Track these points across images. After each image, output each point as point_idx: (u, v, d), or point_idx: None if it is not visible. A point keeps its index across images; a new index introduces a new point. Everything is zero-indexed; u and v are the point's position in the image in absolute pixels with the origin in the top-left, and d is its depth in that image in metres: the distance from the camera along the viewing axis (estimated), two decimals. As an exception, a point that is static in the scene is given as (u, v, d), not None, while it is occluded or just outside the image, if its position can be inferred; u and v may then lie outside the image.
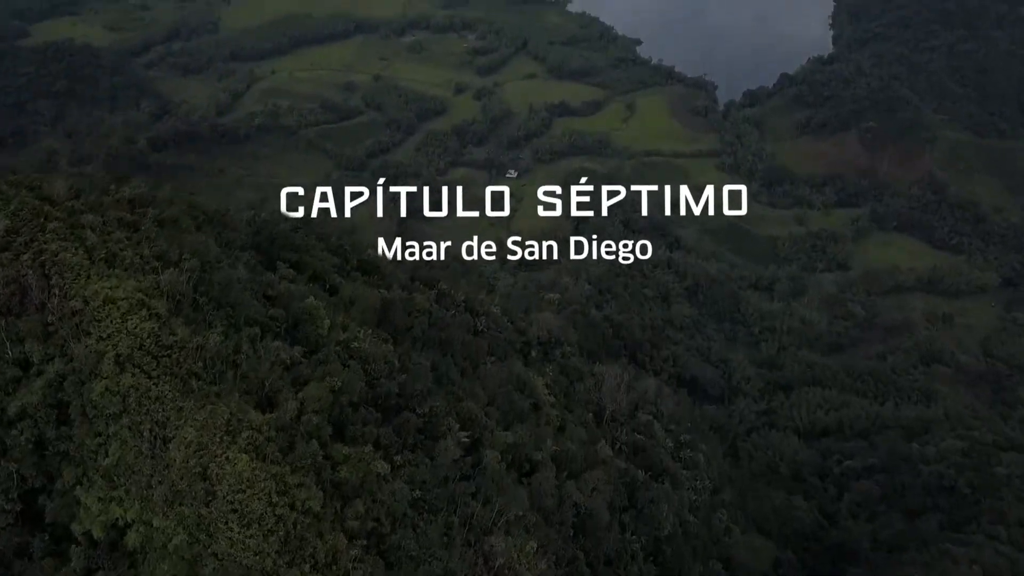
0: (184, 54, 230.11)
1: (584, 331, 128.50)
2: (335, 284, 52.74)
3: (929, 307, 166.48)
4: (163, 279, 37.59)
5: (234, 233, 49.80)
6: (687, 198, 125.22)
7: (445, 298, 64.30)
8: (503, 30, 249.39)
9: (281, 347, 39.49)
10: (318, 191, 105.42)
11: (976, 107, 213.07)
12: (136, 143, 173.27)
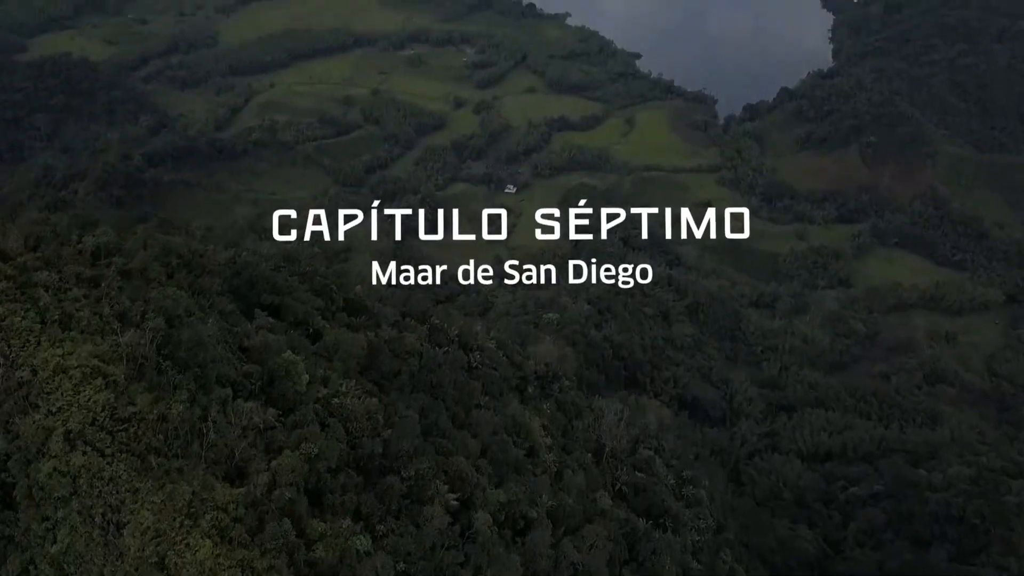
0: (182, 68, 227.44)
1: (584, 352, 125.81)
2: (319, 328, 49.48)
3: (932, 325, 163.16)
4: (123, 341, 34.31)
5: (210, 280, 46.31)
6: (688, 221, 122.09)
7: (438, 333, 61.03)
8: (502, 44, 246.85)
9: (254, 409, 36.21)
10: (311, 214, 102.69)
11: (977, 122, 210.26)
12: (132, 159, 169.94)
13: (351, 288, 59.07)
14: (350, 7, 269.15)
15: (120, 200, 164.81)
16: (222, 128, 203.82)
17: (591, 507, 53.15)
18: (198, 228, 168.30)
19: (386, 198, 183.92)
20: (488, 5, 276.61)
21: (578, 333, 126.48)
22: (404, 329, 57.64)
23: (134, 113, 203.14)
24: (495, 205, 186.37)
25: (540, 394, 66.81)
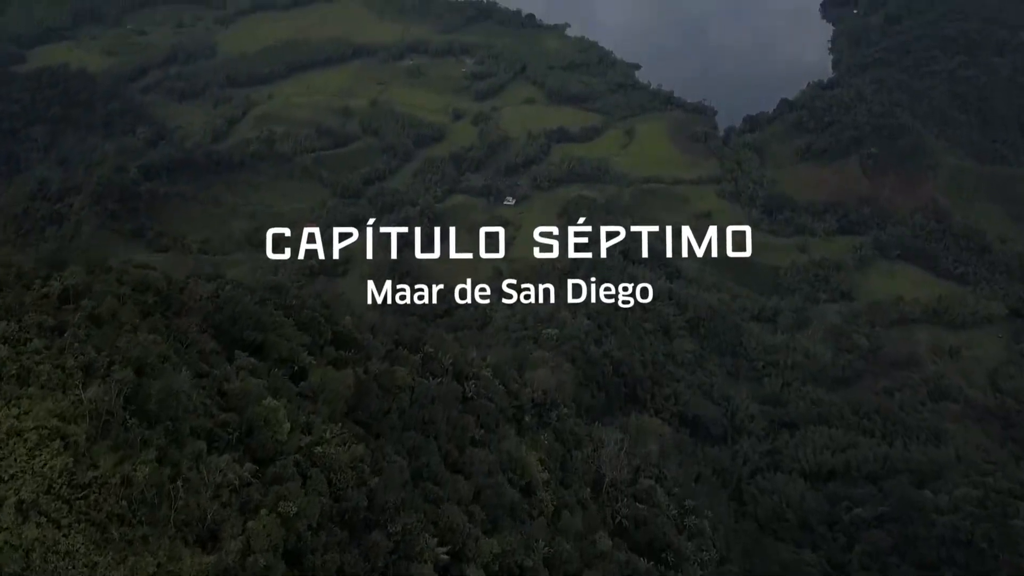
0: (180, 79, 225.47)
1: (583, 369, 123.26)
2: (304, 366, 46.95)
3: (935, 339, 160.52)
4: (86, 397, 31.78)
5: (188, 319, 43.75)
6: (689, 239, 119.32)
7: (432, 362, 58.55)
8: (501, 55, 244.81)
9: (229, 464, 33.66)
10: (305, 232, 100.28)
11: (978, 134, 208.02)
12: (128, 172, 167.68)
13: (341, 318, 56.48)
14: (349, 18, 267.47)
15: (115, 213, 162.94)
16: (220, 140, 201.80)
17: (590, 549, 50.55)
18: (194, 241, 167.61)
19: (384, 210, 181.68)
20: (487, 16, 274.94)
21: (578, 349, 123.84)
22: (396, 360, 55.12)
23: (132, 125, 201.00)
24: (494, 217, 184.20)
25: (538, 423, 64.25)
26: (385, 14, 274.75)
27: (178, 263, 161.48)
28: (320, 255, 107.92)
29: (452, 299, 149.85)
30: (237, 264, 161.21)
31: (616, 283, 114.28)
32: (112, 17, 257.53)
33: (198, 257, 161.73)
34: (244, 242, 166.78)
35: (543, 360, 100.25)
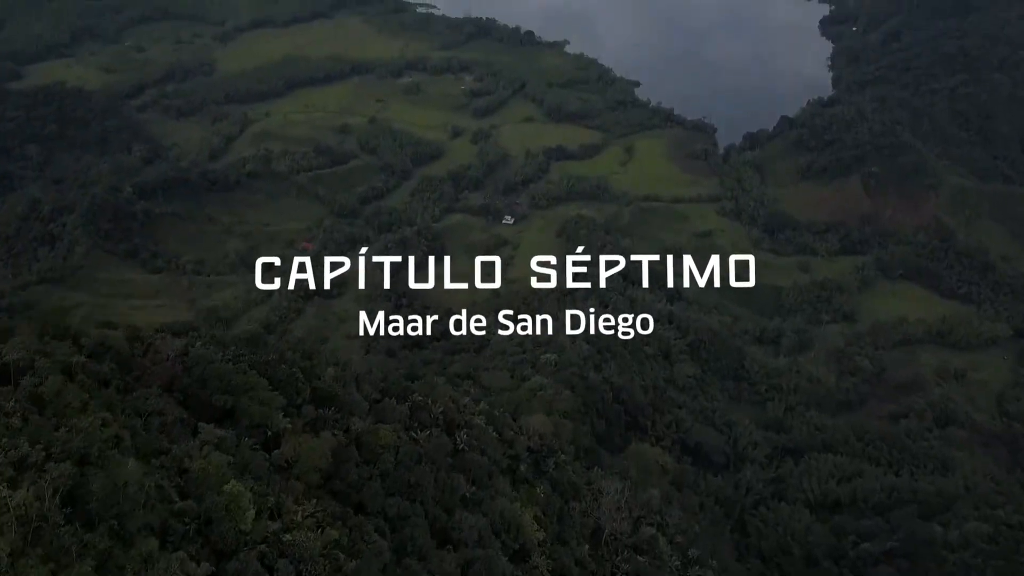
0: (178, 96, 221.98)
1: (583, 396, 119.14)
2: (278, 432, 42.87)
3: (940, 361, 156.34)
4: (14, 503, 27.63)
5: (149, 390, 39.68)
6: (691, 268, 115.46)
7: (420, 412, 54.55)
8: (501, 72, 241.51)
9: (183, 563, 29.72)
10: (295, 261, 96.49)
11: (980, 152, 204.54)
12: (122, 191, 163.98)
13: (323, 370, 52.41)
14: (348, 35, 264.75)
15: (109, 234, 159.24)
16: (217, 157, 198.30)
17: (589, 622, 46.51)
18: (188, 262, 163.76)
19: (382, 230, 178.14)
20: (486, 33, 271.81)
21: (577, 376, 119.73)
22: (381, 414, 51.10)
23: (127, 143, 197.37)
24: (492, 236, 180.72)
25: (534, 472, 60.22)
26: (384, 31, 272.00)
27: (171, 284, 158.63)
28: (311, 285, 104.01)
29: (447, 329, 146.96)
30: (231, 285, 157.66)
31: (616, 311, 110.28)
32: (111, 34, 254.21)
33: (192, 278, 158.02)
34: (239, 263, 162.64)
35: (541, 400, 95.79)
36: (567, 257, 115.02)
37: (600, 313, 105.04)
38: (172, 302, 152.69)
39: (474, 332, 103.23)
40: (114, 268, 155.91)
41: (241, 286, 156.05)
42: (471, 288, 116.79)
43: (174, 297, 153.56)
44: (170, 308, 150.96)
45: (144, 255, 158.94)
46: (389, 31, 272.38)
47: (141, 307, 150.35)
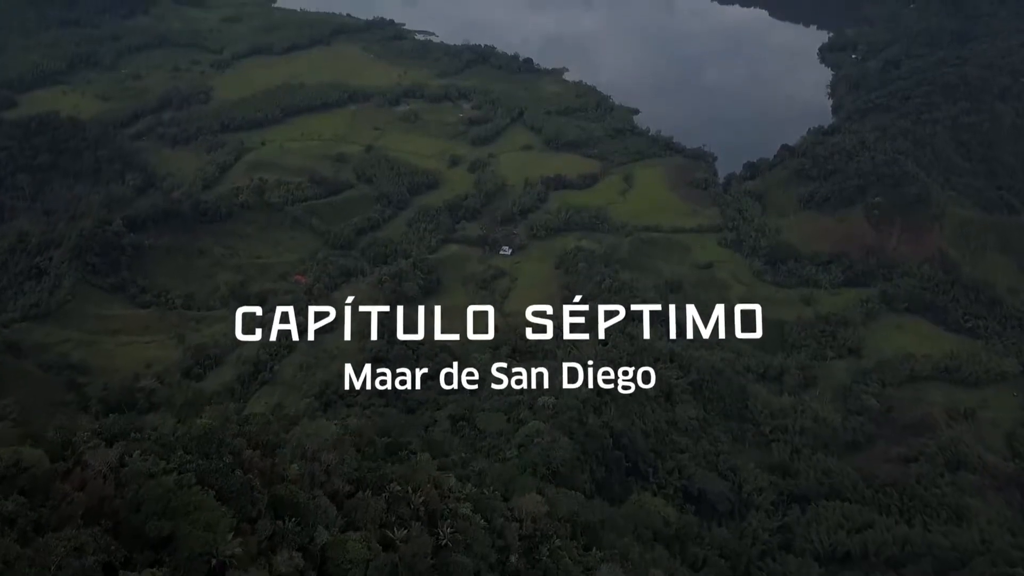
0: (173, 124, 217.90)
1: (582, 443, 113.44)
2: (224, 561, 36.61)
3: (948, 400, 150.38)
4: None
5: (67, 530, 33.29)
6: (694, 319, 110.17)
7: (399, 504, 48.70)
8: (499, 100, 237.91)
9: None
10: (278, 311, 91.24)
11: (983, 182, 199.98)
12: (111, 224, 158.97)
13: (288, 466, 46.40)
14: (346, 62, 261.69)
15: (96, 267, 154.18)
16: (211, 186, 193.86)
17: None
18: (177, 296, 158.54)
19: (377, 261, 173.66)
20: (485, 60, 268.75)
21: (575, 421, 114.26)
22: (353, 513, 44.98)
23: (121, 172, 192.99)
24: (489, 268, 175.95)
25: (526, 562, 54.34)
26: (383, 58, 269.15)
27: (160, 320, 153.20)
28: (294, 335, 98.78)
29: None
30: (221, 320, 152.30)
31: (615, 363, 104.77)
32: (108, 62, 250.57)
33: (181, 313, 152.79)
34: (229, 296, 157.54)
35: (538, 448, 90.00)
36: (564, 307, 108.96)
37: (599, 365, 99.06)
38: (160, 338, 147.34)
39: (465, 386, 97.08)
40: (101, 303, 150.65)
41: (231, 320, 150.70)
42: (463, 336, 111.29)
43: (162, 333, 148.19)
44: (158, 345, 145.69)
45: (132, 289, 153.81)
46: (387, 58, 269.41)
47: (128, 343, 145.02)
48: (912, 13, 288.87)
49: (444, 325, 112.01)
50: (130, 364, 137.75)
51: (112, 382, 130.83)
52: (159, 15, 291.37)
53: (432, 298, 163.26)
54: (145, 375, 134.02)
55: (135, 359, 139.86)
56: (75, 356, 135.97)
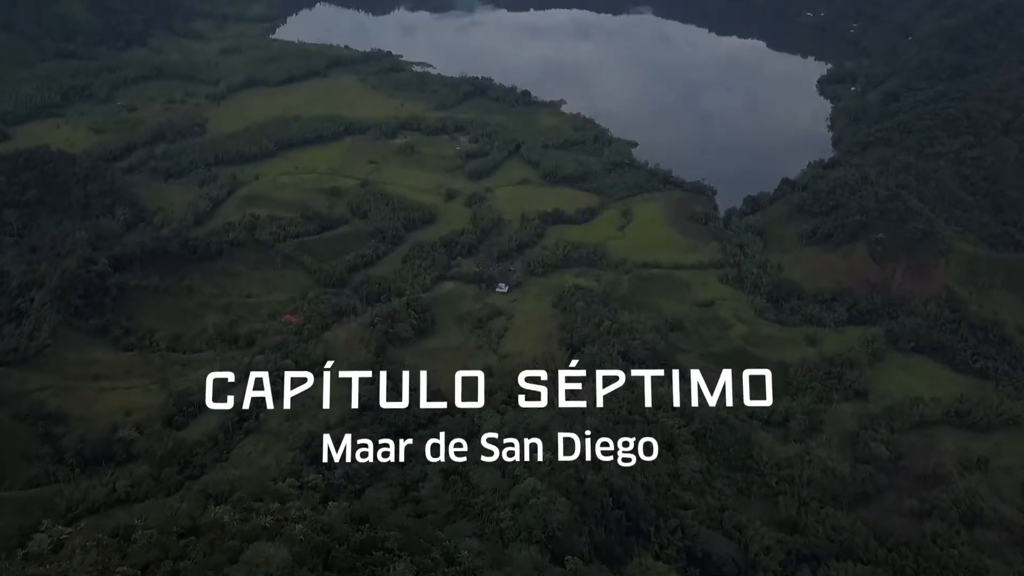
0: (166, 158, 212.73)
1: (580, 503, 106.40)
2: None
3: (960, 446, 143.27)
4: None
5: None
6: (699, 384, 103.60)
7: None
8: (496, 132, 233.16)
9: None
10: (252, 377, 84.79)
11: (989, 217, 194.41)
12: (96, 263, 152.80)
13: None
14: (343, 95, 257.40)
15: (79, 309, 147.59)
16: (203, 222, 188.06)
17: None
18: (162, 338, 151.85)
19: (370, 300, 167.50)
20: (482, 92, 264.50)
21: (573, 479, 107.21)
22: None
23: (111, 207, 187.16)
24: (485, 306, 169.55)
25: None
26: (379, 90, 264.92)
27: (143, 363, 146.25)
28: (268, 404, 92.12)
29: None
30: (207, 363, 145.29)
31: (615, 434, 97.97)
32: (103, 94, 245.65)
33: (165, 356, 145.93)
34: (217, 338, 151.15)
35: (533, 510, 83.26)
36: (559, 372, 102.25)
37: (597, 437, 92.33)
38: (142, 383, 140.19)
39: (454, 459, 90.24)
40: (83, 346, 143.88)
41: (218, 364, 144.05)
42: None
43: (145, 377, 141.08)
44: (140, 390, 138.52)
45: (116, 332, 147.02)
46: (384, 90, 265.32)
47: (109, 389, 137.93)
48: (911, 46, 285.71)
49: (431, 382, 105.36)
50: (110, 412, 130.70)
51: (89, 432, 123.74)
52: (157, 47, 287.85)
53: (426, 339, 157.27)
54: (124, 424, 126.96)
55: (115, 406, 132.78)
56: (52, 404, 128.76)
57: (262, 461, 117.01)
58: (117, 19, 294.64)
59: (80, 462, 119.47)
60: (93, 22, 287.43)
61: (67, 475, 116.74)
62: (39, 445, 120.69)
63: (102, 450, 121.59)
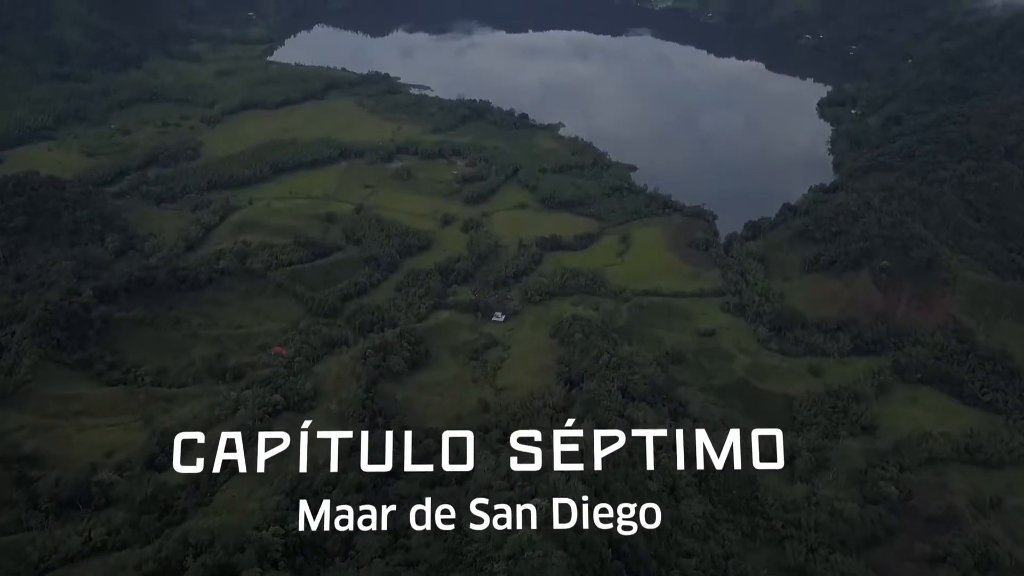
0: (159, 182, 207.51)
1: (577, 556, 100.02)
2: None
3: (971, 484, 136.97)
4: None
5: None
6: (705, 445, 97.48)
7: None
8: (494, 156, 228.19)
9: None
10: (223, 438, 78.77)
11: (994, 244, 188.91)
12: (81, 294, 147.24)
13: None
14: (339, 117, 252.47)
15: (61, 343, 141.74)
16: (194, 248, 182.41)
17: None
18: (147, 373, 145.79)
19: (363, 330, 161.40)
20: (480, 115, 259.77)
21: (570, 530, 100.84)
22: None
23: (100, 233, 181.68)
24: (481, 336, 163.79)
25: None
26: (376, 112, 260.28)
27: (127, 399, 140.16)
28: (241, 467, 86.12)
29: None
30: (193, 399, 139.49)
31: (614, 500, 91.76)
32: (97, 117, 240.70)
33: (150, 391, 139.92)
34: (204, 372, 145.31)
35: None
36: (554, 432, 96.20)
37: (595, 503, 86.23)
38: (125, 420, 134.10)
39: (440, 526, 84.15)
40: (64, 382, 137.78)
41: (204, 399, 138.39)
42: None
43: (128, 414, 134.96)
44: (122, 428, 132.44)
45: (100, 366, 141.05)
46: (381, 113, 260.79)
47: (90, 427, 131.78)
48: (910, 68, 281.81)
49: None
50: (90, 452, 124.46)
51: (66, 475, 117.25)
52: (152, 70, 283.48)
53: (420, 372, 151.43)
54: (104, 465, 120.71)
55: (96, 445, 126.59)
56: (29, 445, 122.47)
57: (246, 506, 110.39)
58: (113, 41, 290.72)
59: (55, 507, 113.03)
60: (89, 45, 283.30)
61: (41, 522, 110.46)
62: (13, 489, 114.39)
63: (79, 494, 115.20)
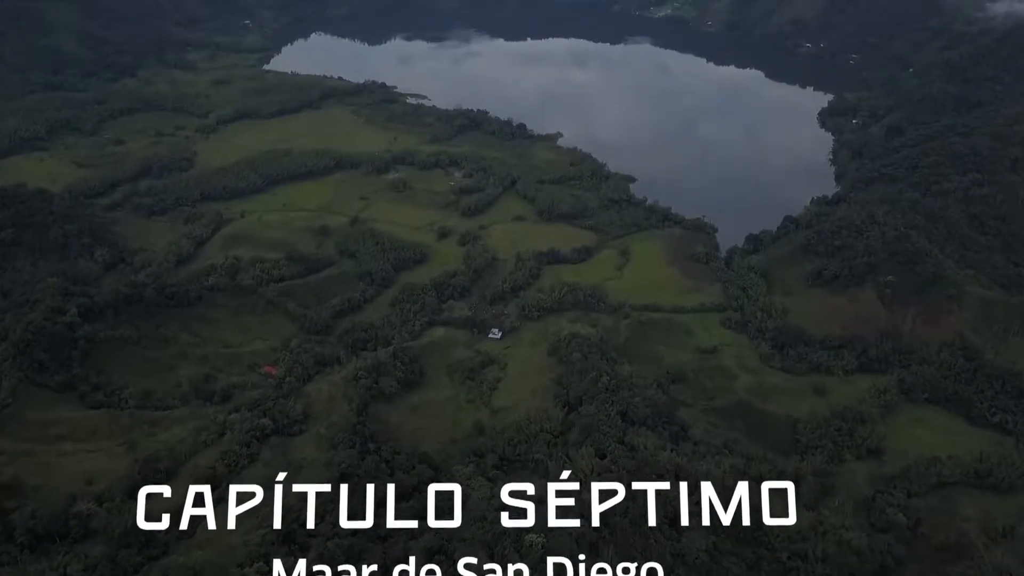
0: (151, 194, 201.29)
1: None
2: None
3: (981, 510, 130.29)
4: None
5: None
6: (711, 498, 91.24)
7: None
8: (491, 167, 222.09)
9: None
10: (191, 492, 72.69)
11: (1000, 258, 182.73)
12: (65, 313, 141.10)
13: None
14: (335, 127, 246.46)
15: (43, 364, 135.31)
16: (185, 263, 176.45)
17: None
18: (132, 395, 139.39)
19: (356, 348, 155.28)
20: (477, 126, 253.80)
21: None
22: None
23: (90, 247, 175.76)
24: (477, 354, 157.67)
25: None
26: (373, 122, 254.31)
27: (110, 423, 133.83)
28: (211, 523, 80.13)
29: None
30: (179, 422, 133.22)
31: (613, 559, 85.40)
32: (90, 127, 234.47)
33: (134, 413, 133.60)
34: (191, 394, 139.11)
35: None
36: (549, 486, 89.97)
37: (592, 562, 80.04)
38: (108, 444, 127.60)
39: None
40: (46, 405, 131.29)
41: (190, 423, 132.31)
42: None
43: (111, 438, 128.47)
44: (104, 453, 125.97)
45: (83, 387, 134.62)
46: (378, 122, 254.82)
47: (71, 453, 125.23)
48: (911, 78, 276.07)
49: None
50: (70, 480, 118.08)
51: (44, 506, 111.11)
52: (147, 79, 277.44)
53: (414, 392, 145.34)
54: (84, 495, 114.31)
55: (76, 472, 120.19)
56: (7, 473, 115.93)
57: (231, 539, 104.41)
58: (108, 50, 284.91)
59: (31, 540, 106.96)
60: (83, 53, 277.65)
61: (15, 556, 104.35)
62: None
63: (57, 526, 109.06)
